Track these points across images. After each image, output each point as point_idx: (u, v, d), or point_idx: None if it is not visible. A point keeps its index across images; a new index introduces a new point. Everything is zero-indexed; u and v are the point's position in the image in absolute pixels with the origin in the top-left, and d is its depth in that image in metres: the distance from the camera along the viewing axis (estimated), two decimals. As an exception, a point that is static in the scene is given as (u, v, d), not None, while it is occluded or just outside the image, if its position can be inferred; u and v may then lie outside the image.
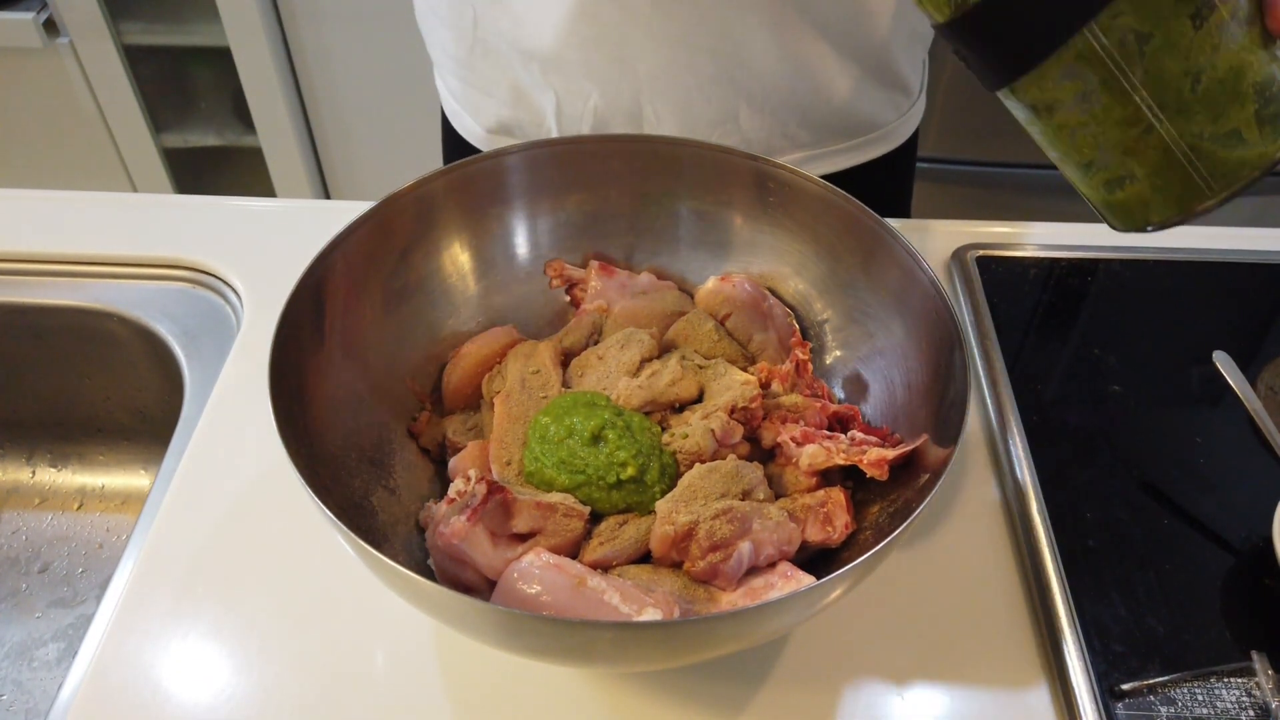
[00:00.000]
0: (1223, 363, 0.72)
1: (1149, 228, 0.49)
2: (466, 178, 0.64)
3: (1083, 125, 0.46)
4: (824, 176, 0.63)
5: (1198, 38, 0.43)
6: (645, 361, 0.62)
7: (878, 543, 0.45)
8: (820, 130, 0.81)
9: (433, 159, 0.94)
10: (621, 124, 0.79)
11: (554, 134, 0.81)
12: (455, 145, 0.94)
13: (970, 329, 0.77)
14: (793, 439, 0.57)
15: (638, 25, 0.72)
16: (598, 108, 0.78)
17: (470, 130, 0.90)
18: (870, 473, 0.55)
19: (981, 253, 0.84)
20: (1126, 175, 0.47)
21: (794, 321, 0.66)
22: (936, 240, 0.85)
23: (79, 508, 0.85)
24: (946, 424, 0.52)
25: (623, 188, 0.68)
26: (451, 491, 0.55)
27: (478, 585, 0.52)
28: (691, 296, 0.68)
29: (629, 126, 0.79)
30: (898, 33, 0.78)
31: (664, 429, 0.58)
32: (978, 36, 0.46)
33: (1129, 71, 0.44)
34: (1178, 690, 0.55)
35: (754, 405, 0.58)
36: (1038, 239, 0.86)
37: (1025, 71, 0.45)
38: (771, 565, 0.53)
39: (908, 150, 0.91)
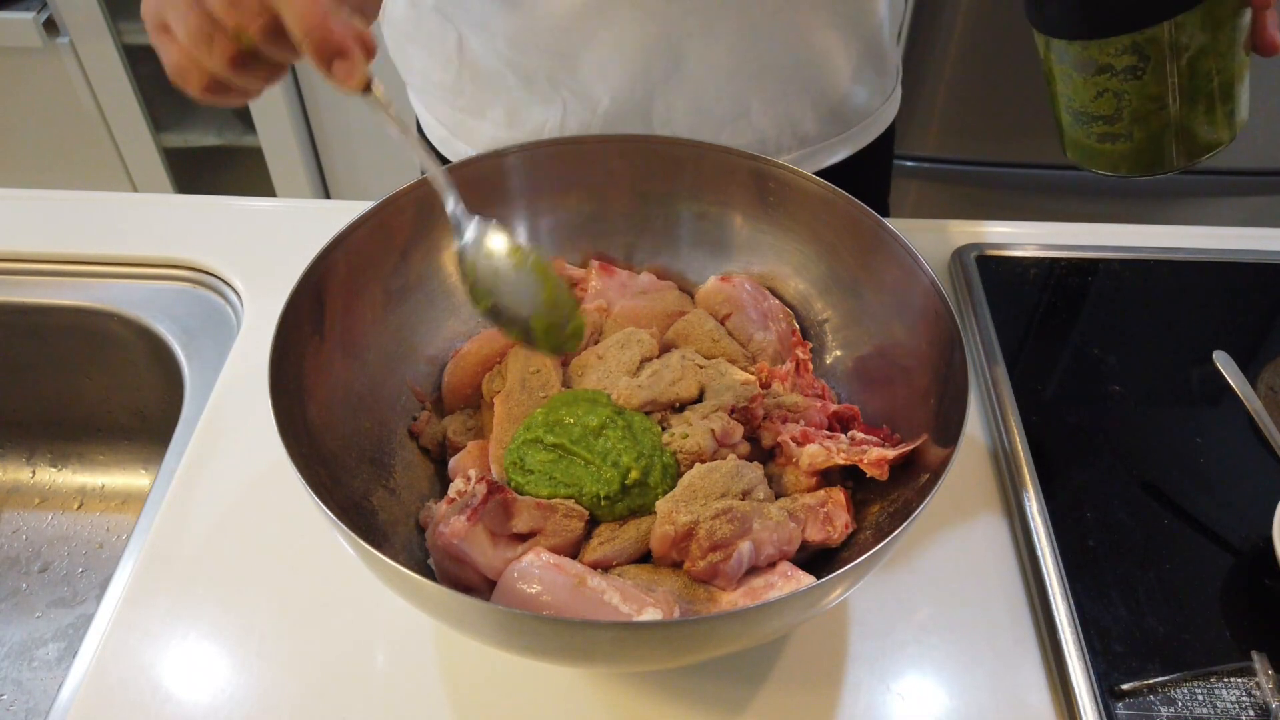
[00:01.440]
0: (1223, 363, 0.72)
1: (1110, 175, 0.59)
2: (467, 178, 0.64)
3: (1117, 90, 0.55)
4: (817, 172, 0.63)
5: (1228, 47, 0.53)
6: (645, 361, 0.62)
7: (878, 543, 0.45)
8: (824, 122, 0.81)
9: (432, 159, 0.93)
10: (630, 126, 0.77)
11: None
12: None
13: (970, 329, 0.77)
14: (793, 439, 0.57)
15: (653, 21, 0.71)
16: (608, 112, 0.76)
17: (461, 154, 0.86)
18: (870, 472, 0.55)
19: (981, 253, 0.84)
20: (1124, 135, 0.56)
21: (794, 321, 0.66)
22: (936, 240, 0.85)
23: (79, 507, 0.85)
24: (946, 424, 0.52)
25: (623, 188, 0.68)
26: (451, 491, 0.55)
27: (478, 585, 0.52)
28: (692, 296, 0.68)
29: (638, 126, 0.77)
30: (887, 9, 0.79)
31: (664, 429, 0.58)
32: None
33: (1179, 62, 0.53)
34: (1178, 690, 0.55)
35: (754, 405, 0.58)
36: (1038, 239, 0.86)
37: (1109, 35, 0.53)
38: (772, 565, 0.53)
39: (889, 139, 0.91)
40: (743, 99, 0.76)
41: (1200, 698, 0.55)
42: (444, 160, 0.89)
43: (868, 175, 0.88)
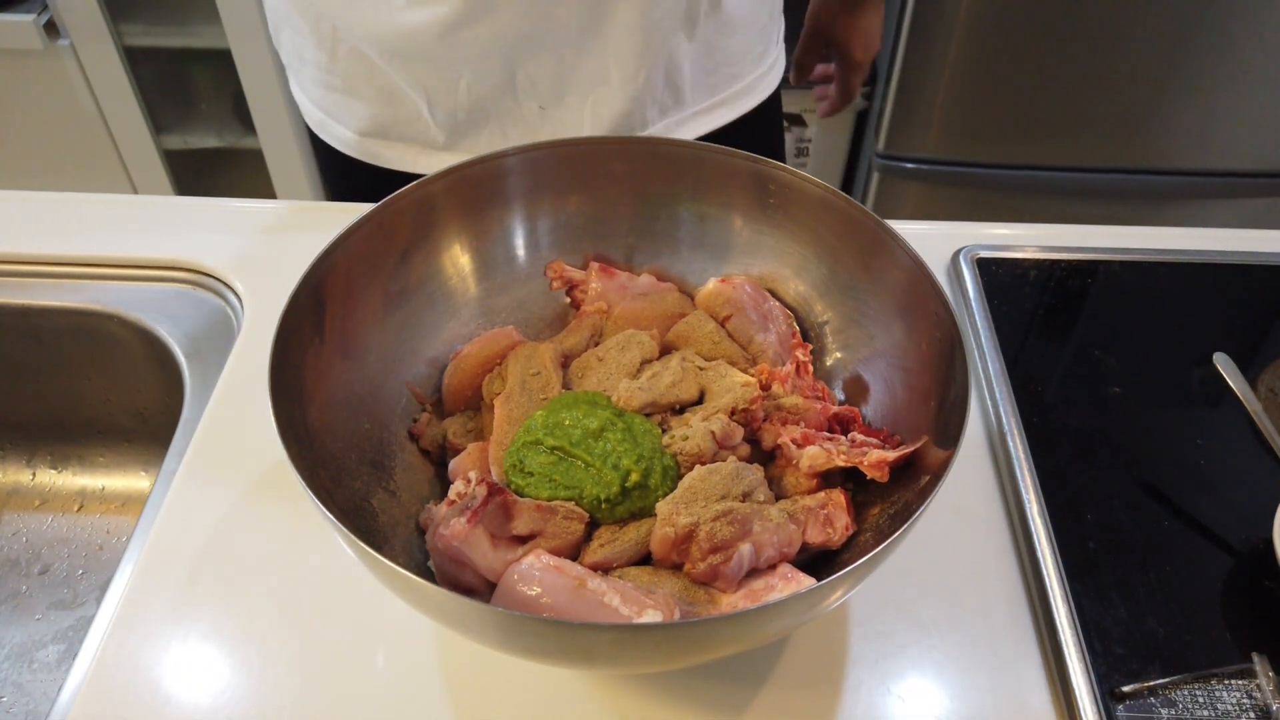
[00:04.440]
0: (1223, 364, 0.72)
1: None
2: (467, 179, 0.64)
3: None
4: (699, 137, 0.63)
5: None
6: (646, 363, 0.62)
7: (878, 544, 0.45)
8: (689, 88, 0.83)
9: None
10: (497, 99, 0.78)
11: (431, 126, 0.81)
12: (327, 158, 0.90)
13: (970, 330, 0.77)
14: (793, 441, 0.57)
15: None
16: (471, 86, 0.77)
17: (341, 138, 0.86)
18: (871, 474, 0.55)
19: (981, 254, 0.84)
20: None
21: (794, 323, 0.66)
22: (936, 241, 0.85)
23: (79, 509, 0.85)
24: (947, 426, 0.52)
25: (623, 189, 0.68)
26: (451, 493, 0.55)
27: (478, 587, 0.52)
28: (692, 298, 0.68)
29: (505, 99, 0.78)
30: None
31: (664, 430, 0.58)
32: None
33: None
34: (1178, 692, 0.55)
35: (754, 407, 0.58)
36: (1038, 240, 0.86)
37: None
38: (772, 567, 0.53)
39: (774, 105, 0.94)
40: (601, 62, 0.77)
41: (1201, 700, 0.55)
42: (322, 145, 0.90)
43: (750, 142, 0.91)
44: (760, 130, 0.93)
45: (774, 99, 0.93)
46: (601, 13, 0.75)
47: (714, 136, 0.87)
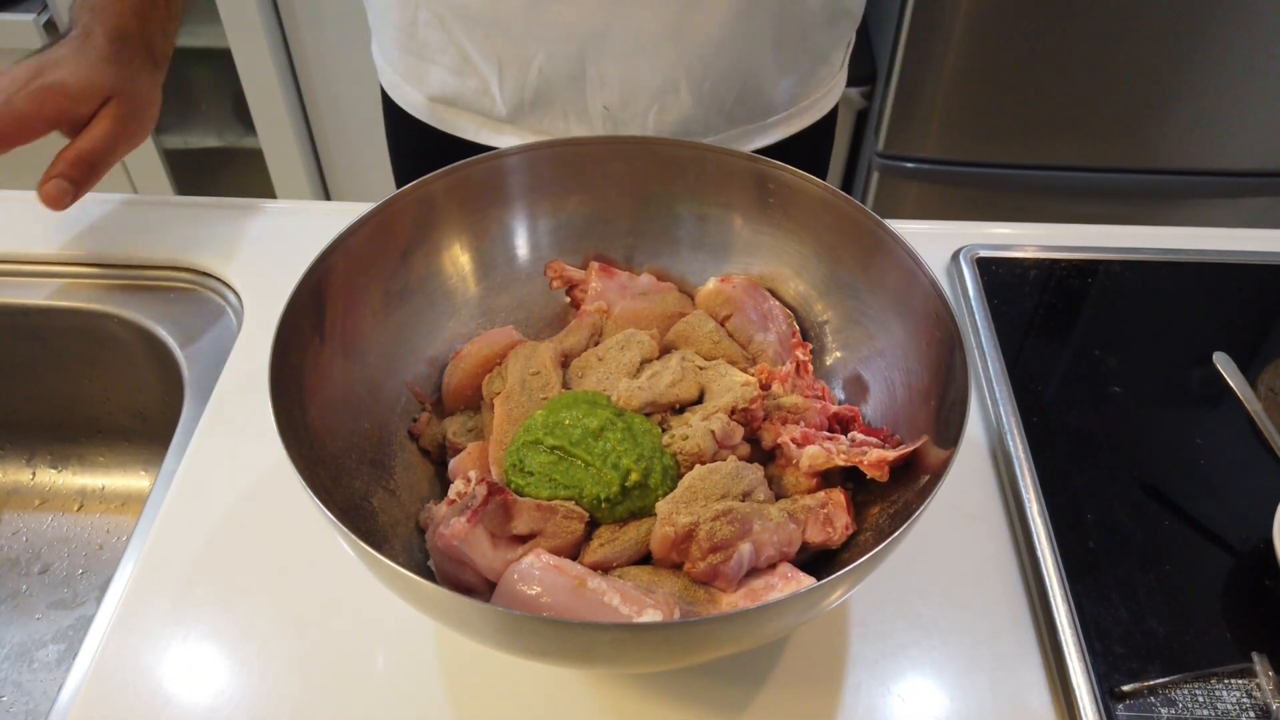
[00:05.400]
0: (1223, 364, 0.72)
1: None
2: (467, 179, 0.64)
3: None
4: (757, 149, 0.63)
5: None
6: (645, 363, 0.62)
7: (878, 544, 0.45)
8: (754, 104, 0.83)
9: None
10: (565, 87, 0.79)
11: (498, 100, 0.81)
12: (397, 120, 0.91)
13: (970, 330, 0.77)
14: (793, 440, 0.57)
15: None
16: (543, 68, 0.77)
17: (412, 101, 0.87)
18: (870, 474, 0.55)
19: (981, 254, 0.84)
20: None
21: (794, 323, 0.66)
22: (936, 241, 0.85)
23: (79, 509, 0.85)
24: (947, 425, 0.52)
25: (623, 189, 0.68)
26: (451, 493, 0.55)
27: (478, 587, 0.52)
28: (692, 298, 0.68)
29: (572, 90, 0.79)
30: (825, 8, 0.80)
31: (664, 430, 0.58)
32: None
33: None
34: (1178, 692, 0.55)
35: (754, 406, 0.58)
36: (1038, 240, 0.86)
37: None
38: (772, 566, 0.53)
39: (828, 124, 0.94)
40: (673, 71, 0.77)
41: (1201, 699, 0.55)
42: (392, 109, 0.90)
43: (806, 159, 0.90)
44: (818, 140, 0.92)
45: (833, 111, 0.93)
46: (684, 22, 0.74)
47: (770, 150, 0.86)
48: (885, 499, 0.56)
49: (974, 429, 0.71)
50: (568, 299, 0.69)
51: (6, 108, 0.72)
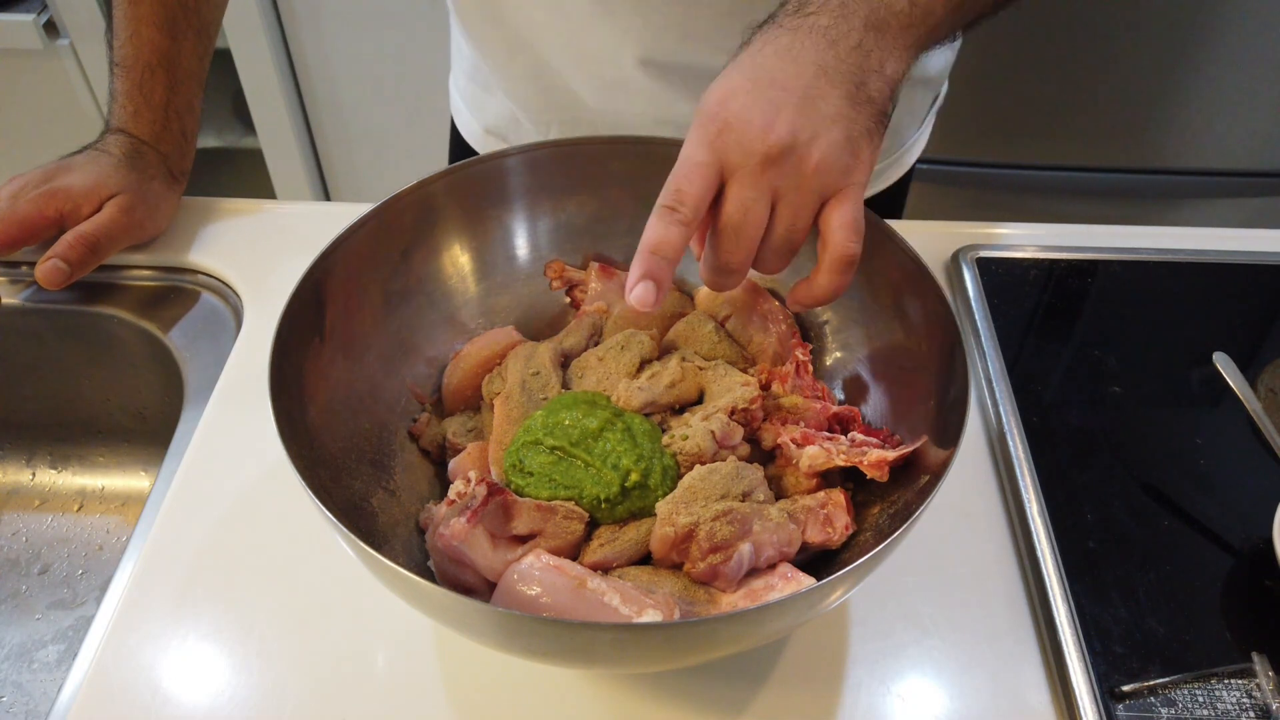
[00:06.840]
0: (1223, 364, 0.72)
1: None
2: (467, 179, 0.64)
3: None
4: None
5: None
6: (645, 363, 0.62)
7: (878, 544, 0.45)
8: None
9: (433, 160, 0.94)
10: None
11: (533, 136, 0.83)
12: (456, 145, 0.95)
13: (970, 330, 0.77)
14: (793, 440, 0.57)
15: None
16: (560, 129, 0.81)
17: (469, 128, 0.90)
18: (870, 474, 0.55)
19: (981, 253, 0.84)
20: None
21: (794, 323, 0.66)
22: (936, 241, 0.85)
23: (79, 509, 0.85)
24: (946, 425, 0.52)
25: (623, 189, 0.68)
26: (451, 493, 0.55)
27: (478, 587, 0.52)
28: (692, 298, 0.68)
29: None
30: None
31: (664, 430, 0.58)
32: None
33: None
34: (1178, 691, 0.55)
35: (754, 407, 0.58)
36: (1038, 239, 0.86)
37: None
38: (772, 567, 0.53)
39: (900, 189, 0.95)
40: None
41: (1201, 699, 0.55)
42: (455, 132, 0.95)
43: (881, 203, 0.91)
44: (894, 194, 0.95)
45: (903, 181, 0.95)
46: None
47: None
48: (885, 499, 0.56)
49: (974, 429, 0.71)
50: (567, 299, 0.69)
51: (11, 211, 0.75)
